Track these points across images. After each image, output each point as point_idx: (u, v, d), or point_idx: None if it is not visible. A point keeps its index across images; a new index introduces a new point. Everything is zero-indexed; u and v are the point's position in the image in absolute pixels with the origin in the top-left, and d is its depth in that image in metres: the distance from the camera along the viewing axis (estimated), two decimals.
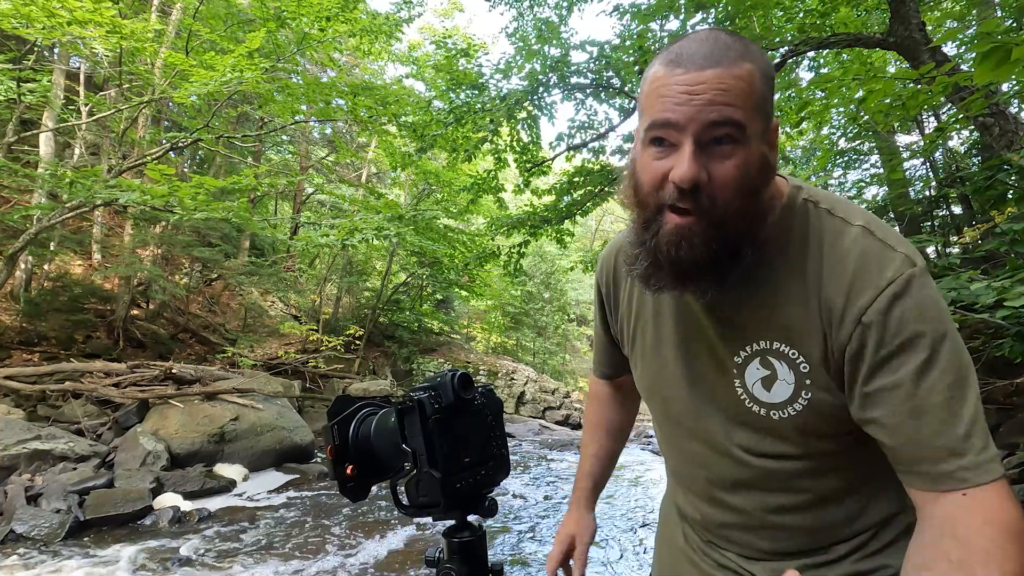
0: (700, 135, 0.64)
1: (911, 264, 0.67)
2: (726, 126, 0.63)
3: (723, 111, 0.63)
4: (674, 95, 0.65)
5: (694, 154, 0.64)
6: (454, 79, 7.65)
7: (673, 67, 0.66)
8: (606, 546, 4.72)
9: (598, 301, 1.01)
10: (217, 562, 4.06)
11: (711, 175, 0.65)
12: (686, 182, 0.64)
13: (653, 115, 0.67)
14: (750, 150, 0.65)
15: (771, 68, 0.69)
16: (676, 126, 0.65)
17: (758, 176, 0.67)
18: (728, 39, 0.66)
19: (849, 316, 0.67)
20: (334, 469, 0.71)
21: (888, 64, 6.80)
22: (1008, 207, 3.70)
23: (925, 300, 0.65)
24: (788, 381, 0.73)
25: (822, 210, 0.73)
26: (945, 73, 2.89)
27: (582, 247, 21.50)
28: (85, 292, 9.40)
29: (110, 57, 8.16)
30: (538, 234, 8.06)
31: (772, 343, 0.73)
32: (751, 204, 0.67)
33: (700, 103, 0.63)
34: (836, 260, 0.69)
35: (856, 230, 0.70)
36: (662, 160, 0.67)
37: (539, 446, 10.10)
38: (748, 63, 0.65)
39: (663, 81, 0.66)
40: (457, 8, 17.36)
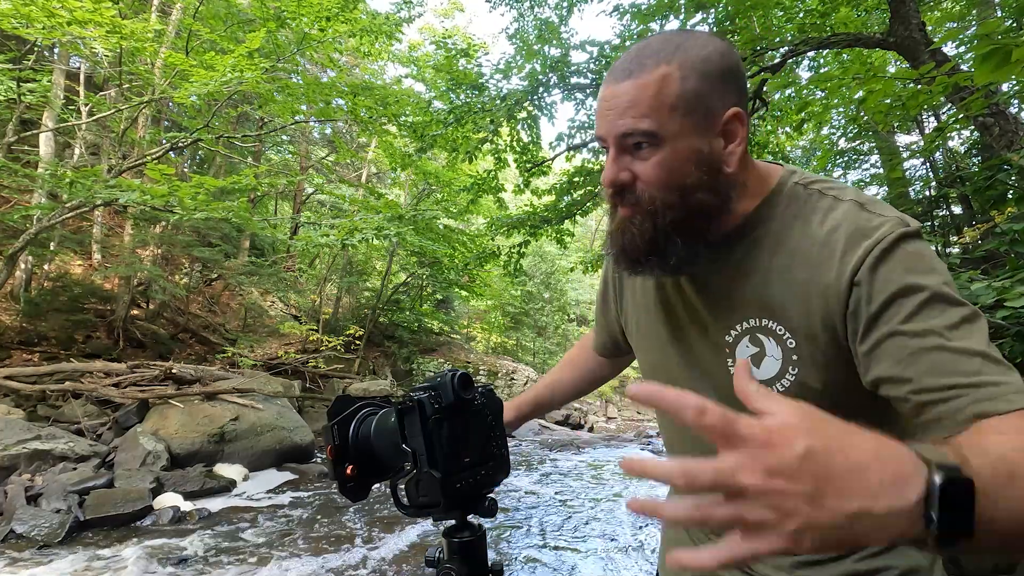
0: (620, 143, 0.71)
1: (902, 224, 0.67)
2: (635, 135, 0.70)
3: (629, 124, 0.69)
4: (600, 110, 0.73)
5: (613, 159, 0.72)
6: (454, 79, 7.65)
7: (604, 83, 0.73)
8: (612, 545, 4.72)
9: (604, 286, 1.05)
10: (217, 562, 4.06)
11: (636, 175, 0.72)
12: (606, 183, 0.73)
13: (595, 130, 0.75)
14: (673, 149, 0.70)
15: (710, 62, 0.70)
16: (602, 139, 0.74)
17: (690, 170, 0.71)
18: (657, 44, 0.71)
19: (843, 281, 0.67)
20: (334, 469, 0.71)
21: (888, 64, 6.80)
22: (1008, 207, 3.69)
23: (914, 255, 0.65)
24: (775, 357, 0.74)
25: (813, 190, 0.75)
26: (945, 73, 2.89)
27: (582, 247, 21.50)
28: (85, 292, 9.40)
29: (110, 57, 8.16)
30: (538, 234, 8.05)
31: (761, 320, 0.75)
32: (685, 197, 0.71)
33: (613, 117, 0.71)
34: (825, 235, 0.70)
35: (847, 204, 0.71)
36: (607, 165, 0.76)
37: (539, 446, 10.10)
38: (665, 65, 0.69)
39: (599, 95, 0.74)
40: (457, 8, 17.37)
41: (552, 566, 4.27)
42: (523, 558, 4.42)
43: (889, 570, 0.76)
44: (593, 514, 5.68)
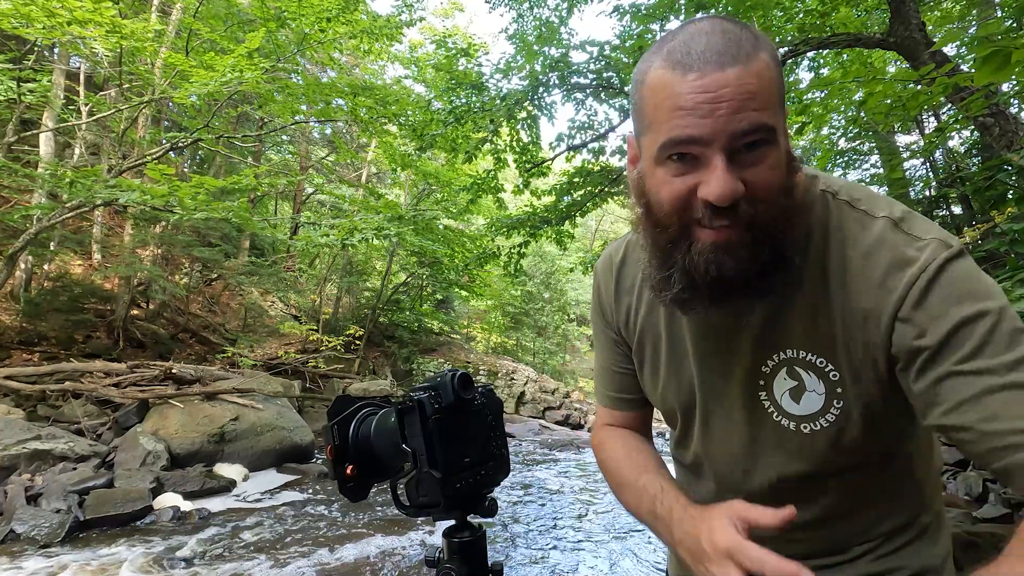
0: (731, 146, 0.57)
1: (944, 247, 0.61)
2: (757, 132, 0.57)
3: (752, 117, 0.57)
4: (693, 106, 0.57)
5: (727, 169, 0.57)
6: (454, 79, 7.66)
7: (684, 70, 0.58)
8: (613, 545, 4.71)
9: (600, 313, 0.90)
10: (217, 562, 4.06)
11: (747, 183, 0.58)
12: (724, 199, 0.57)
13: (671, 131, 0.59)
14: (779, 148, 0.60)
15: (776, 50, 0.64)
16: (701, 141, 0.58)
17: (789, 172, 0.62)
18: (734, 27, 0.60)
19: (885, 315, 0.62)
20: (334, 469, 0.71)
21: (888, 64, 6.80)
22: (1008, 207, 3.70)
23: (963, 280, 0.59)
24: (818, 392, 0.68)
25: (842, 202, 0.68)
26: (945, 74, 2.89)
27: (582, 247, 21.50)
28: (85, 292, 9.40)
29: (110, 57, 8.16)
30: (538, 235, 8.05)
31: (798, 352, 0.68)
32: (788, 203, 0.62)
33: (726, 112, 0.56)
34: (862, 259, 0.64)
35: (880, 223, 0.65)
36: (683, 176, 0.60)
37: (539, 446, 10.10)
38: (763, 52, 0.59)
39: (674, 89, 0.58)
40: (457, 8, 17.37)
41: (552, 566, 4.27)
42: (523, 558, 4.42)
43: (901, 570, 0.76)
44: (594, 514, 5.68)
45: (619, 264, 0.88)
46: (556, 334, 21.90)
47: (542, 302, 21.18)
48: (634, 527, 5.16)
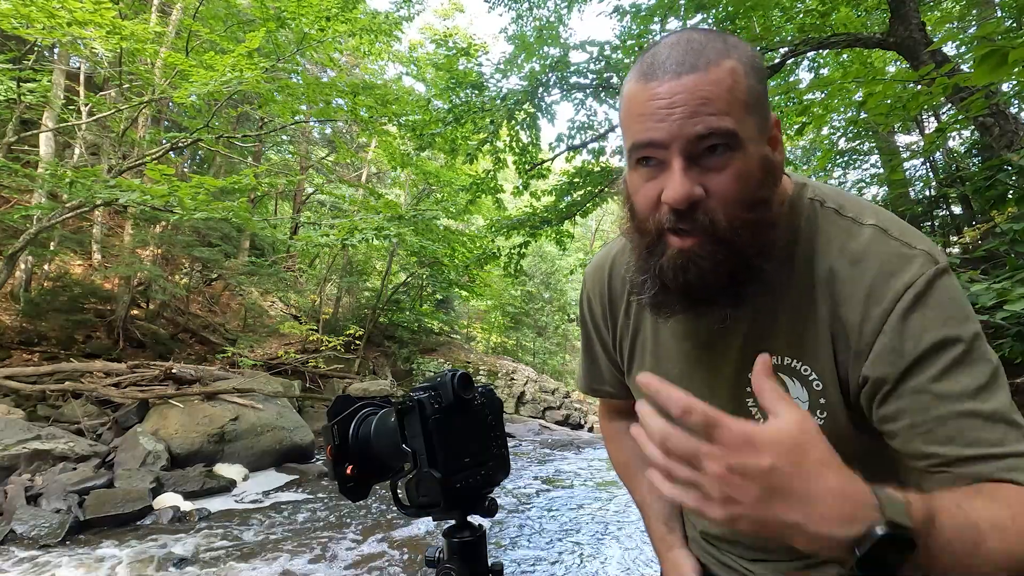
0: (687, 150, 0.59)
1: (931, 262, 0.62)
2: (714, 137, 0.58)
3: (708, 121, 0.58)
4: (652, 111, 0.60)
5: (683, 171, 0.59)
6: (454, 78, 7.66)
7: (647, 80, 0.61)
8: (613, 545, 4.72)
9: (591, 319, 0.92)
10: (217, 562, 4.06)
11: (707, 189, 0.60)
12: (679, 202, 0.59)
13: (634, 136, 0.62)
14: (747, 156, 0.60)
15: (757, 59, 0.63)
16: (660, 144, 0.60)
17: (762, 182, 0.62)
18: (702, 37, 0.62)
19: (868, 328, 0.62)
20: (334, 469, 0.71)
21: (888, 64, 6.80)
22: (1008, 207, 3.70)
23: (945, 302, 0.61)
24: (802, 399, 0.68)
25: (829, 210, 0.68)
26: (945, 74, 2.89)
27: (582, 247, 21.52)
28: (85, 292, 9.40)
29: (110, 57, 8.16)
30: (537, 235, 8.05)
31: (783, 358, 0.69)
32: (758, 214, 0.62)
33: (681, 116, 0.58)
34: (848, 268, 0.64)
35: (868, 231, 0.65)
36: (653, 181, 0.62)
37: (539, 446, 10.10)
38: (728, 60, 0.60)
39: (638, 97, 0.62)
40: (457, 9, 17.37)
41: (552, 566, 4.27)
42: (523, 558, 4.42)
43: None
44: (594, 514, 5.68)
45: (609, 269, 0.89)
46: (556, 334, 21.91)
47: (542, 302, 21.19)
48: (633, 527, 5.16)
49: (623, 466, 1.02)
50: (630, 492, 1.00)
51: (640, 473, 0.97)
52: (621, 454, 1.03)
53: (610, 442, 1.07)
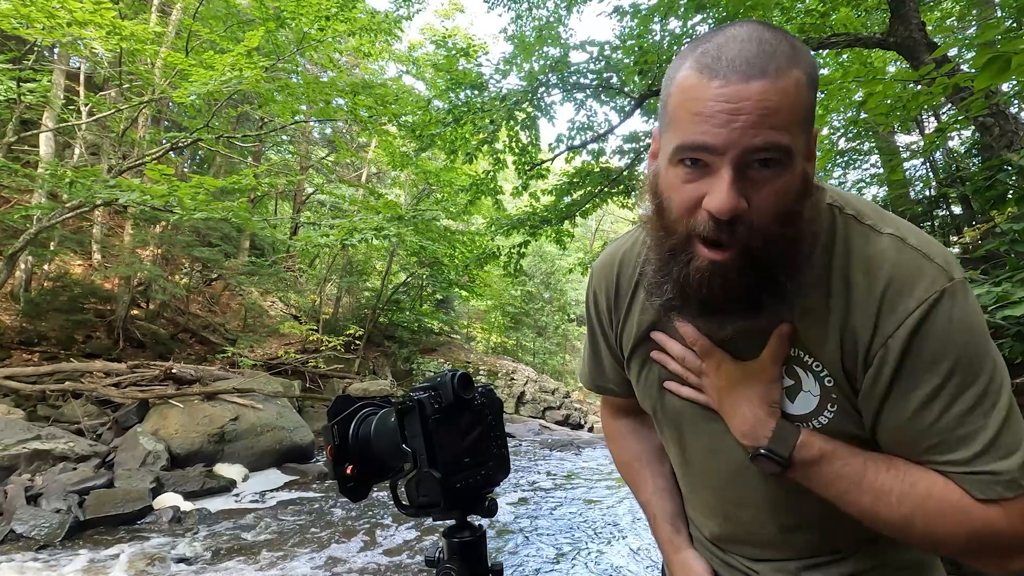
0: (741, 160, 0.57)
1: (946, 278, 0.61)
2: (771, 151, 0.56)
3: (768, 135, 0.56)
4: (711, 113, 0.57)
5: (733, 182, 0.57)
6: (454, 79, 7.66)
7: (710, 75, 0.57)
8: (613, 544, 4.72)
9: (595, 315, 0.91)
10: (217, 562, 4.07)
11: (749, 202, 0.58)
12: (724, 213, 0.57)
13: (686, 135, 0.59)
14: (793, 172, 0.59)
15: (816, 70, 0.61)
16: (714, 150, 0.57)
17: (799, 198, 0.61)
18: (773, 39, 0.58)
19: (878, 336, 0.63)
20: (334, 469, 0.71)
21: (888, 64, 6.80)
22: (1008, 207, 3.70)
23: (955, 320, 0.61)
24: (813, 393, 0.69)
25: (849, 216, 0.68)
26: (945, 74, 2.89)
27: (582, 247, 21.52)
28: (85, 292, 9.40)
29: (110, 57, 8.16)
30: (537, 235, 8.04)
31: (797, 351, 0.69)
32: (791, 229, 0.60)
33: (742, 125, 0.55)
34: (863, 275, 0.64)
35: (886, 240, 0.65)
36: (694, 183, 0.60)
37: (539, 446, 10.10)
38: (796, 69, 0.57)
39: (697, 93, 0.58)
40: (458, 9, 17.36)
41: (552, 566, 4.27)
42: (523, 558, 4.42)
43: (890, 565, 0.76)
44: (594, 514, 5.68)
45: (618, 265, 0.88)
46: (556, 334, 21.91)
47: (542, 302, 21.19)
48: (633, 527, 5.16)
49: (627, 466, 1.01)
50: (634, 492, 1.00)
51: (644, 472, 0.97)
52: (625, 454, 1.02)
53: (613, 441, 1.05)
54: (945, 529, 0.62)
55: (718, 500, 0.82)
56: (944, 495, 0.62)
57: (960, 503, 0.61)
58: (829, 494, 0.68)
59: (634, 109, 6.49)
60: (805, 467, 0.68)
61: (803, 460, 0.68)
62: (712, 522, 0.86)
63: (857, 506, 0.66)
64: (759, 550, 0.82)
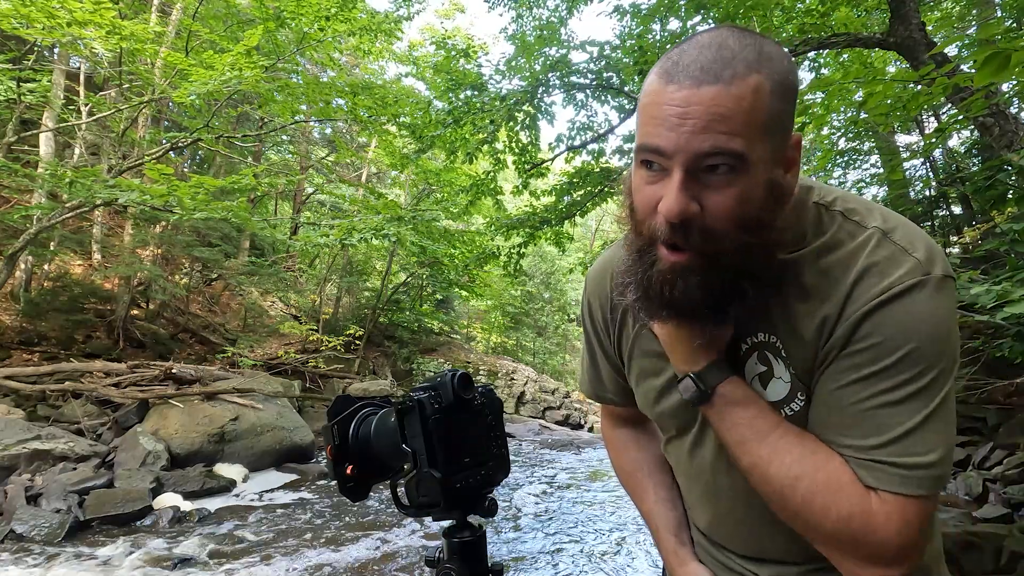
0: (690, 164, 0.57)
1: (922, 272, 0.60)
2: (720, 155, 0.57)
3: (717, 140, 0.56)
4: (664, 117, 0.58)
5: (681, 186, 0.58)
6: (454, 79, 7.66)
7: (667, 80, 0.59)
8: (613, 545, 4.72)
9: (591, 324, 0.91)
10: (217, 562, 4.06)
11: (704, 206, 0.58)
12: (672, 215, 0.58)
13: (643, 137, 0.61)
14: (752, 179, 0.58)
15: (790, 76, 0.60)
16: (664, 153, 0.58)
17: (764, 206, 0.60)
18: (736, 44, 0.58)
19: (840, 325, 0.63)
20: (334, 469, 0.71)
21: (888, 64, 6.80)
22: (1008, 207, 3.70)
23: (917, 313, 0.59)
24: (784, 380, 0.69)
25: (835, 212, 0.68)
26: (945, 74, 2.89)
27: (582, 247, 21.51)
28: (85, 292, 9.40)
29: (110, 57, 8.16)
30: (537, 236, 8.03)
31: (769, 336, 0.70)
32: (755, 237, 0.60)
33: (690, 129, 0.56)
34: (841, 269, 0.64)
35: (869, 233, 0.65)
36: (653, 185, 0.61)
37: (539, 446, 10.10)
38: (756, 74, 0.57)
39: (655, 98, 0.60)
40: (458, 9, 17.36)
41: (552, 566, 4.27)
42: (523, 558, 4.42)
43: None
44: (594, 514, 5.68)
45: (611, 273, 0.87)
46: (556, 334, 21.92)
47: (542, 302, 21.19)
48: (633, 527, 5.16)
49: (628, 475, 1.00)
50: (635, 502, 0.99)
51: (647, 483, 0.96)
52: (626, 463, 1.01)
53: (613, 451, 1.04)
54: (822, 503, 0.62)
55: (710, 492, 0.83)
56: (838, 471, 0.62)
57: (847, 483, 0.61)
58: (732, 438, 0.68)
59: (634, 109, 6.49)
60: (722, 404, 0.69)
61: (723, 395, 0.69)
62: (706, 513, 0.86)
63: (751, 457, 0.66)
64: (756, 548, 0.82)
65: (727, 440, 0.70)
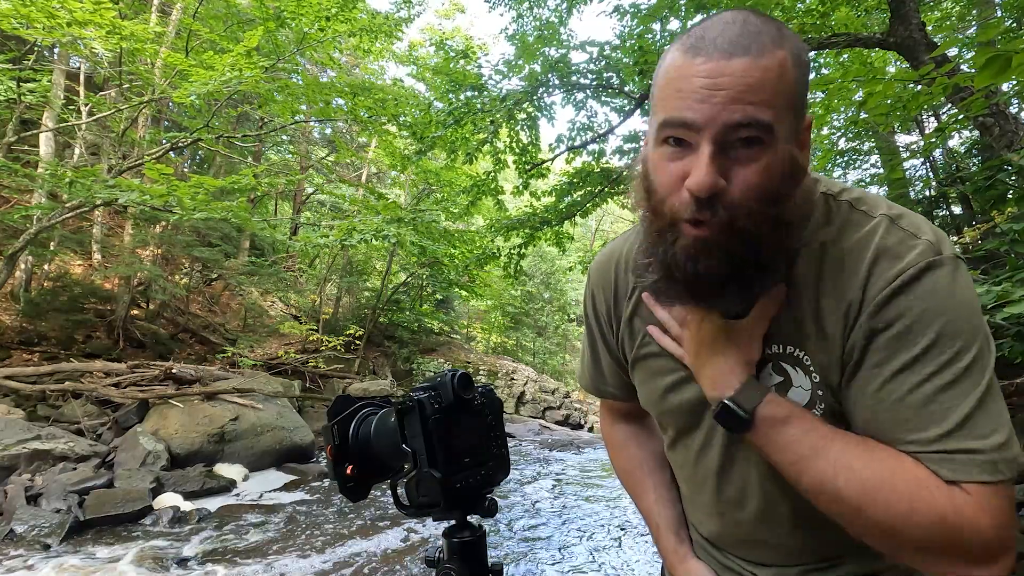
0: (720, 137, 0.57)
1: (934, 252, 0.60)
2: (751, 127, 0.56)
3: (748, 111, 0.56)
4: (693, 89, 0.57)
5: (712, 159, 0.57)
6: (453, 80, 7.66)
7: (693, 54, 0.58)
8: (613, 545, 4.72)
9: (594, 317, 0.90)
10: (217, 562, 4.06)
11: (731, 180, 0.58)
12: (702, 190, 0.57)
13: (668, 111, 0.59)
14: (777, 152, 0.58)
15: (806, 55, 0.61)
16: (693, 126, 0.57)
17: (785, 181, 0.60)
18: (758, 21, 0.59)
19: (864, 311, 0.62)
20: (334, 469, 0.71)
21: (888, 64, 6.80)
22: (1008, 207, 3.69)
23: (940, 290, 0.59)
24: (804, 387, 0.68)
25: (842, 203, 0.68)
26: (945, 74, 2.89)
27: (582, 247, 21.50)
28: (85, 292, 9.40)
29: (110, 57, 8.16)
30: (537, 237, 8.02)
31: (785, 347, 0.69)
32: (777, 211, 0.60)
33: (722, 100, 0.56)
34: (854, 257, 0.64)
35: (877, 220, 0.64)
36: (678, 162, 0.60)
37: (539, 446, 10.10)
38: (781, 50, 0.57)
39: (680, 72, 0.59)
40: (458, 9, 17.36)
41: (552, 566, 4.27)
42: (523, 558, 4.42)
43: (890, 571, 0.75)
44: (593, 514, 5.68)
45: (616, 264, 0.86)
46: (556, 334, 21.91)
47: (542, 302, 21.19)
48: (632, 527, 5.16)
49: (627, 473, 0.99)
50: (635, 500, 0.98)
51: (647, 481, 0.95)
52: (625, 461, 1.00)
53: (612, 448, 1.03)
54: (907, 509, 0.57)
55: (714, 499, 0.82)
56: (914, 471, 0.58)
57: (928, 482, 0.57)
58: (786, 459, 0.64)
59: (634, 109, 6.49)
60: (767, 427, 0.65)
61: (766, 417, 0.64)
62: (710, 522, 0.85)
63: (814, 475, 0.62)
64: (757, 553, 0.81)
65: (778, 462, 0.65)
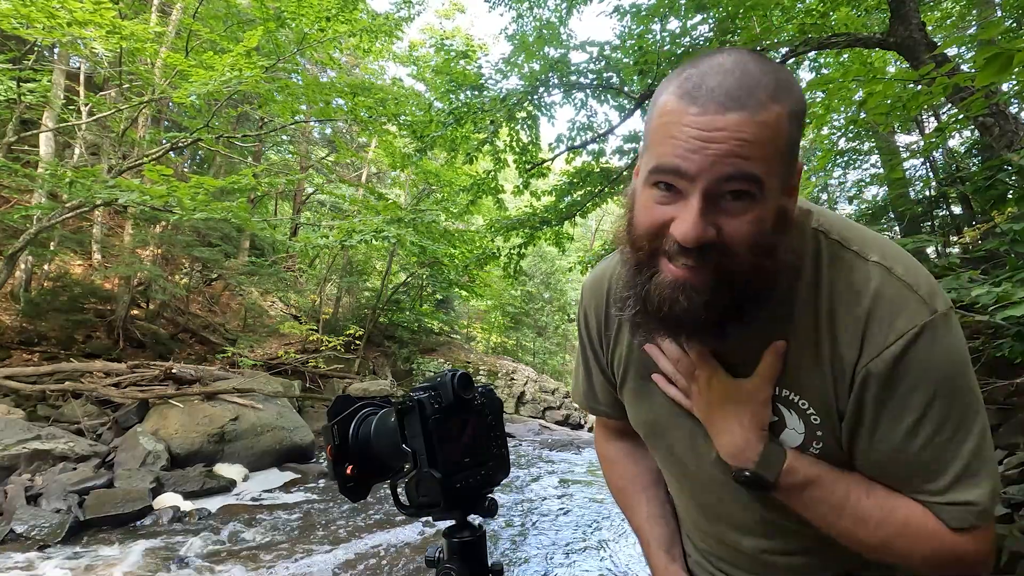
0: (711, 189, 0.57)
1: (928, 311, 0.62)
2: (742, 181, 0.57)
3: (740, 165, 0.56)
4: (686, 139, 0.57)
5: (701, 211, 0.57)
6: (453, 80, 7.65)
7: (689, 102, 0.58)
8: (612, 545, 4.71)
9: (587, 335, 0.90)
10: (217, 562, 4.06)
11: (720, 230, 0.58)
12: (689, 241, 0.57)
13: (660, 158, 0.59)
14: (767, 205, 0.59)
15: (803, 105, 0.62)
16: (685, 175, 0.57)
17: (773, 232, 0.60)
18: (758, 71, 0.58)
19: (859, 368, 0.64)
20: (334, 469, 0.71)
21: (888, 64, 6.80)
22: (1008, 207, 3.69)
23: (934, 355, 0.62)
24: (797, 430, 0.70)
25: (834, 241, 0.68)
26: (945, 74, 2.89)
27: (582, 247, 21.50)
28: (85, 292, 9.40)
29: (110, 57, 8.16)
30: (536, 237, 8.01)
31: (781, 391, 0.69)
32: (763, 262, 0.60)
33: (715, 153, 0.56)
34: (848, 305, 0.65)
35: (871, 268, 0.65)
36: (665, 206, 0.60)
37: (539, 446, 10.10)
38: (777, 105, 0.57)
39: (674, 118, 0.58)
40: (458, 9, 17.35)
41: (552, 566, 4.27)
42: (523, 558, 4.42)
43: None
44: (593, 514, 5.68)
45: (607, 284, 0.86)
46: (556, 334, 21.91)
47: (542, 302, 21.19)
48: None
49: (620, 491, 1.00)
50: (627, 517, 0.99)
51: (639, 498, 0.95)
52: (618, 479, 1.00)
53: (606, 464, 1.03)
54: (920, 554, 0.66)
55: (707, 519, 0.83)
56: (922, 524, 0.65)
57: (936, 532, 0.65)
58: (809, 516, 0.70)
59: (634, 109, 6.49)
60: (789, 490, 0.69)
61: (787, 485, 0.69)
62: (704, 540, 0.86)
63: (836, 529, 0.68)
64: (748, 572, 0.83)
65: (804, 515, 0.70)
